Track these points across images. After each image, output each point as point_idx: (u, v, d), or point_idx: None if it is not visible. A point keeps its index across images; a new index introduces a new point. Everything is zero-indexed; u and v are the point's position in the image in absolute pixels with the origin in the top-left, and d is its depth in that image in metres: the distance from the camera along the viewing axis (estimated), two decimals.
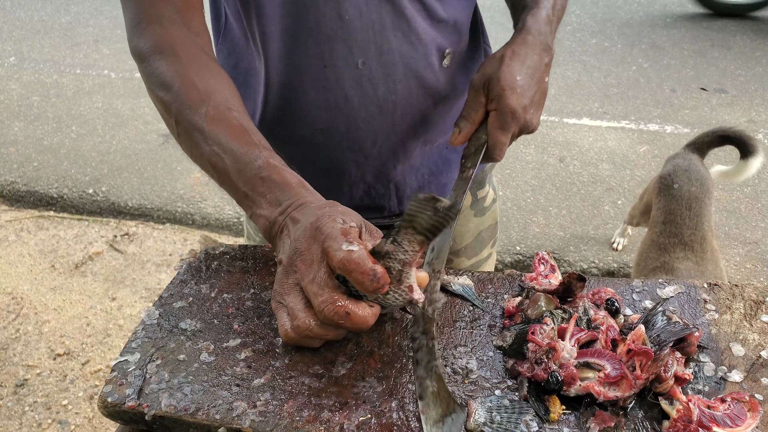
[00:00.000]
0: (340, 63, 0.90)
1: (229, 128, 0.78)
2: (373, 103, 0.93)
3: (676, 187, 2.07)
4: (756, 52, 4.65)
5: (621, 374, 0.64)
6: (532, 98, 0.86)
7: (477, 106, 0.86)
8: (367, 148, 0.97)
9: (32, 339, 2.48)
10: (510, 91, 0.83)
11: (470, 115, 0.87)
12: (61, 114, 4.16)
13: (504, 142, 0.86)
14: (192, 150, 0.81)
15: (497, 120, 0.85)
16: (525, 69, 0.85)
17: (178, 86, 0.80)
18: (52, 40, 5.33)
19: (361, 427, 0.64)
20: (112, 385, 0.70)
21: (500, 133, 0.85)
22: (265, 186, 0.75)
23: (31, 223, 3.18)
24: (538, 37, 0.88)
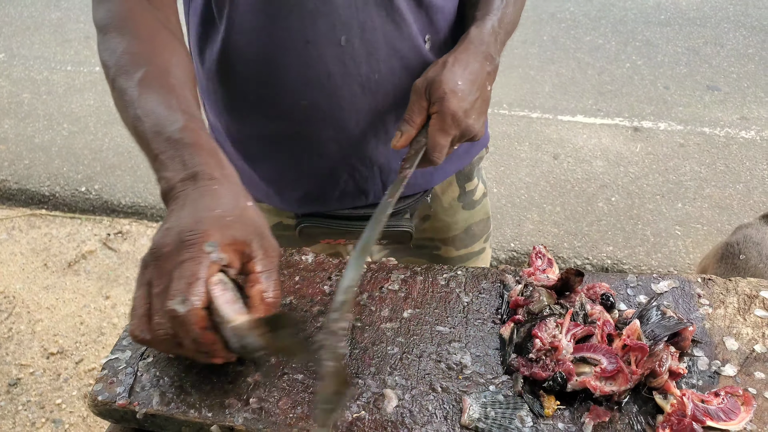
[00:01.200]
0: (323, 39, 0.89)
1: (158, 93, 0.74)
2: (355, 82, 0.93)
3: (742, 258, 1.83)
4: (749, 50, 4.66)
5: (617, 368, 0.64)
6: (473, 104, 0.86)
7: (419, 109, 0.87)
8: (349, 128, 0.97)
9: (25, 338, 2.47)
10: (451, 94, 0.84)
11: (412, 119, 0.87)
12: (52, 111, 4.13)
13: (443, 144, 0.86)
14: (122, 114, 0.77)
15: (437, 122, 0.85)
16: (467, 74, 0.86)
17: (120, 52, 0.79)
18: (42, 36, 5.29)
19: (354, 423, 0.64)
20: (102, 383, 0.69)
21: (440, 135, 0.86)
22: (174, 148, 0.69)
23: (23, 222, 3.15)
24: (480, 46, 0.89)
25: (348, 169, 1.02)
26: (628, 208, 3.06)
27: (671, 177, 3.27)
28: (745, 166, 3.33)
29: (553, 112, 3.96)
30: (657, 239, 2.84)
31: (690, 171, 3.32)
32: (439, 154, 0.87)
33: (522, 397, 0.66)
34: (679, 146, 3.54)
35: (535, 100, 4.11)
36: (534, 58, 4.67)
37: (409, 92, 0.97)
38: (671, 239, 2.84)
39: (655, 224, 2.94)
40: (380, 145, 1.01)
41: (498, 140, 3.67)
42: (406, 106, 0.98)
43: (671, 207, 3.04)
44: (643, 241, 2.84)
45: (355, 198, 1.05)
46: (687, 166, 3.36)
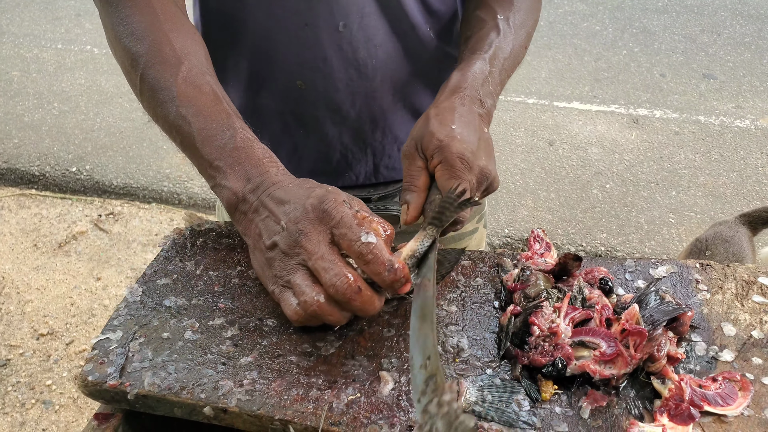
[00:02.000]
0: (321, 23, 0.89)
1: (201, 93, 0.74)
2: (351, 66, 0.92)
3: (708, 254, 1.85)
4: (745, 39, 4.66)
5: (617, 352, 0.63)
6: (476, 144, 0.76)
7: (417, 171, 0.76)
8: (345, 110, 0.96)
9: (15, 319, 2.45)
10: (449, 139, 0.74)
11: (412, 184, 0.76)
12: (42, 90, 4.08)
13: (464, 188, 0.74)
14: (156, 109, 0.76)
15: (446, 171, 0.74)
16: (458, 119, 0.77)
17: (151, 40, 0.76)
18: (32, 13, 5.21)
19: (350, 405, 0.63)
20: (92, 363, 0.68)
21: (454, 183, 0.73)
22: (233, 158, 0.71)
23: (12, 202, 3.12)
24: (462, 91, 0.80)
25: (341, 148, 1.02)
26: (623, 195, 3.06)
27: (666, 165, 3.28)
28: (739, 155, 3.33)
29: (549, 99, 3.95)
30: (651, 227, 2.85)
31: (684, 159, 3.32)
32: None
33: (519, 381, 0.66)
34: (674, 134, 3.54)
35: (531, 86, 4.10)
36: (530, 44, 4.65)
37: (407, 78, 0.97)
38: (665, 227, 2.85)
39: (649, 212, 2.94)
40: (377, 130, 1.01)
41: (493, 126, 3.65)
42: (404, 91, 0.98)
43: (665, 195, 3.05)
44: (636, 228, 2.85)
45: (342, 176, 1.05)
46: (682, 155, 3.36)
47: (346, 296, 0.63)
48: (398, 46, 0.94)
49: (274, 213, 0.67)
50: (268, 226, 0.68)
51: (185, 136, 0.74)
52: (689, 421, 0.60)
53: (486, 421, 0.61)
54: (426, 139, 0.76)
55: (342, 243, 0.64)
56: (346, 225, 0.64)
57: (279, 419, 0.62)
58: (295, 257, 0.65)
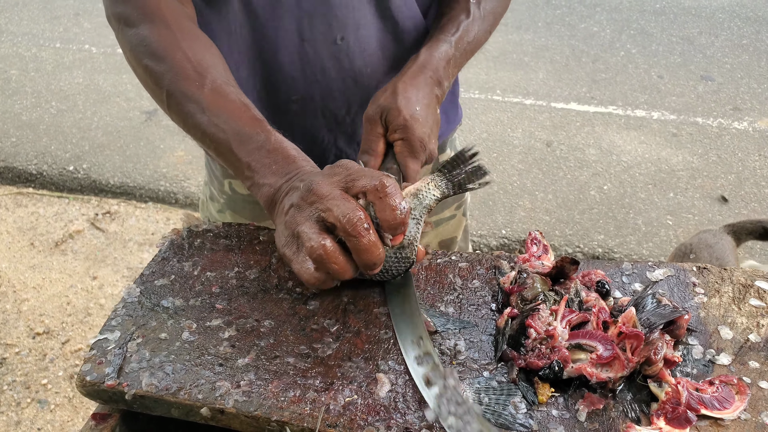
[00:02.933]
0: (319, 38, 0.91)
1: (229, 102, 0.78)
2: (349, 76, 0.95)
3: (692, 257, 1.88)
4: (743, 41, 4.67)
5: (613, 355, 0.63)
6: (431, 128, 0.87)
7: (376, 138, 0.86)
8: (340, 116, 1.00)
9: (11, 317, 2.44)
10: (413, 120, 0.84)
11: (371, 148, 0.86)
12: (40, 89, 4.07)
13: (417, 170, 0.86)
14: (186, 121, 0.80)
15: (407, 150, 0.85)
16: (421, 99, 0.86)
17: (172, 58, 0.79)
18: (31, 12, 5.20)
19: (347, 407, 0.63)
20: (90, 363, 0.68)
21: (413, 162, 0.85)
22: (270, 158, 0.75)
23: (10, 200, 3.11)
24: (428, 72, 0.89)
25: (335, 151, 1.05)
26: (620, 196, 3.06)
27: (663, 166, 3.28)
28: (737, 157, 3.34)
29: (547, 100, 3.95)
30: (648, 228, 2.85)
31: (682, 160, 3.32)
32: (414, 180, 0.85)
33: (516, 384, 0.66)
34: (672, 135, 3.55)
35: (529, 86, 4.10)
36: (528, 45, 4.64)
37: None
38: (662, 228, 2.85)
39: (647, 213, 2.95)
40: None
41: (491, 126, 3.66)
42: None
43: (663, 196, 3.05)
44: (634, 230, 2.85)
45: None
46: (679, 156, 3.37)
47: (356, 230, 0.64)
48: (386, 52, 0.97)
49: (296, 187, 0.71)
50: (290, 196, 0.71)
51: (220, 143, 0.77)
52: (686, 425, 0.60)
53: None
54: (393, 113, 0.84)
55: (357, 183, 0.67)
56: (357, 171, 0.68)
57: (276, 420, 0.62)
58: (307, 207, 0.67)
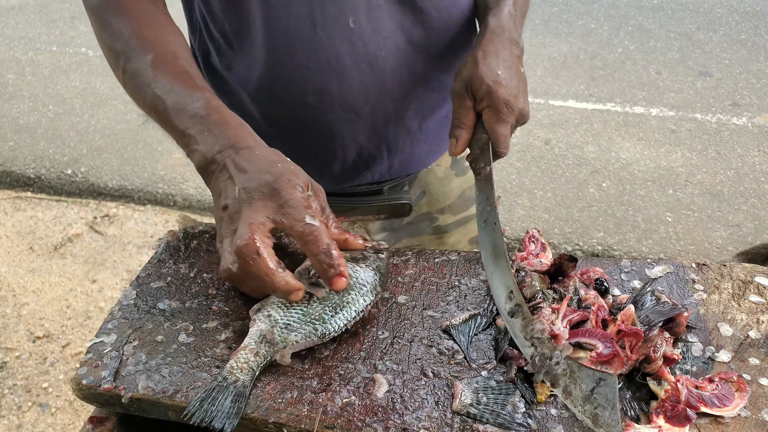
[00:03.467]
0: (331, 23, 0.89)
1: (173, 73, 0.80)
2: (364, 61, 0.92)
3: None
4: (741, 36, 4.66)
5: (613, 352, 0.63)
6: (517, 88, 0.87)
7: (465, 111, 0.87)
8: (359, 107, 0.97)
9: (11, 321, 2.44)
10: (496, 85, 0.84)
11: (462, 122, 0.87)
12: (37, 92, 4.07)
13: (506, 134, 0.85)
14: (136, 95, 0.83)
15: (494, 115, 0.85)
16: (501, 63, 0.86)
17: (127, 36, 0.83)
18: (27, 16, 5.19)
19: (344, 408, 0.63)
20: (87, 366, 0.68)
21: (500, 126, 0.85)
22: (203, 124, 0.76)
23: (8, 204, 3.11)
24: (502, 34, 0.89)
25: (356, 147, 1.02)
26: (619, 194, 3.06)
27: (662, 163, 3.27)
28: (736, 153, 3.34)
29: (545, 97, 3.95)
30: (648, 225, 2.85)
31: (681, 157, 3.32)
32: (505, 144, 0.86)
33: (514, 384, 0.65)
34: (671, 132, 3.54)
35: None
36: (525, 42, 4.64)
37: (415, 68, 0.98)
38: (662, 225, 2.85)
39: (646, 210, 2.94)
40: (389, 123, 1.01)
41: None
42: (413, 81, 0.99)
43: (662, 193, 3.05)
44: (633, 227, 2.85)
45: (360, 175, 1.06)
46: (678, 152, 3.36)
47: (243, 257, 0.66)
48: (404, 35, 0.94)
49: (233, 177, 0.71)
50: (227, 188, 0.72)
51: (161, 113, 0.79)
52: (686, 423, 0.60)
53: (481, 424, 0.61)
54: (476, 82, 0.85)
55: (285, 222, 0.68)
56: (292, 205, 0.68)
57: (273, 422, 0.62)
58: (234, 223, 0.69)
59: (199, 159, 0.75)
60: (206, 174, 0.75)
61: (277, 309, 0.69)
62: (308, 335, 0.68)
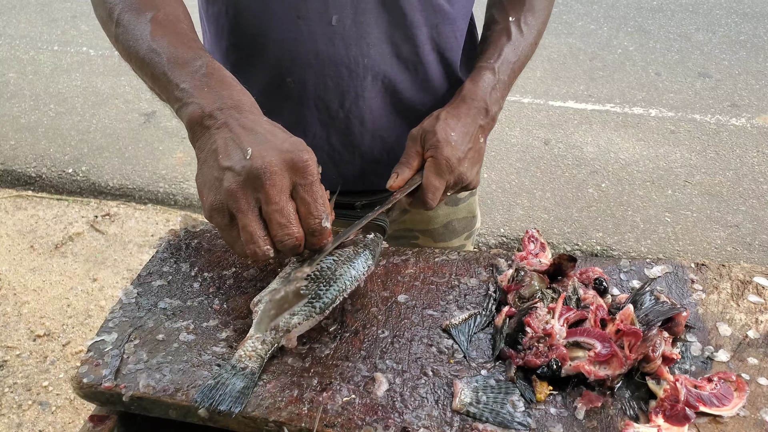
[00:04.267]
0: (314, 16, 0.89)
1: (174, 33, 0.78)
2: (342, 64, 0.92)
3: None
4: (740, 37, 4.66)
5: (611, 352, 0.63)
6: (465, 153, 0.90)
7: (414, 154, 0.90)
8: (334, 109, 0.96)
9: (11, 320, 2.44)
10: (444, 143, 0.88)
11: (408, 162, 0.91)
12: (38, 92, 4.07)
13: (437, 186, 0.88)
14: (129, 49, 0.79)
15: (432, 166, 0.89)
16: (459, 127, 0.90)
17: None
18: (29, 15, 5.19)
19: (345, 407, 0.63)
20: (87, 365, 0.68)
21: (434, 178, 0.88)
22: (203, 81, 0.72)
23: (9, 203, 3.11)
24: (473, 102, 0.93)
25: (328, 149, 1.01)
26: (618, 194, 3.06)
27: (661, 163, 3.28)
28: (735, 154, 3.34)
29: (544, 98, 3.95)
30: (646, 225, 2.85)
31: (680, 158, 3.32)
32: (433, 196, 0.88)
33: (514, 383, 0.66)
34: (670, 133, 3.55)
35: (527, 85, 4.10)
36: None
37: (398, 82, 0.96)
38: (661, 226, 2.85)
39: (645, 211, 2.95)
40: (365, 133, 0.99)
41: None
42: (395, 95, 0.98)
43: (661, 193, 3.05)
44: (632, 227, 2.85)
45: (331, 182, 1.03)
46: (677, 153, 3.36)
47: (288, 253, 0.67)
48: (391, 47, 0.93)
49: (239, 137, 0.67)
50: (229, 147, 0.67)
51: (155, 66, 0.75)
52: (685, 422, 0.60)
53: (481, 422, 0.61)
54: (429, 134, 0.89)
55: (301, 208, 0.67)
56: (315, 194, 0.67)
57: (273, 421, 0.62)
58: (251, 194, 0.65)
59: (194, 112, 0.70)
60: (197, 127, 0.71)
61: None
62: (309, 314, 0.69)
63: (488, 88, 0.94)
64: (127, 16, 0.79)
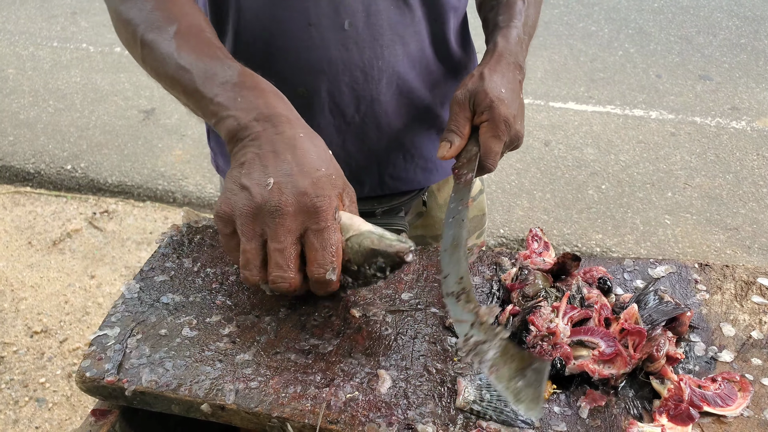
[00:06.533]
0: (326, 22, 0.87)
1: (198, 44, 0.76)
2: (357, 68, 0.91)
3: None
4: (741, 40, 4.67)
5: (615, 351, 0.63)
6: (517, 110, 0.88)
7: (464, 120, 0.87)
8: (349, 115, 0.95)
9: (8, 316, 2.43)
10: (499, 102, 0.84)
11: (459, 129, 0.87)
12: (37, 88, 4.06)
13: (497, 151, 0.85)
14: (157, 69, 0.77)
15: (490, 129, 0.85)
16: (506, 83, 0.87)
17: (149, 8, 0.78)
18: (28, 11, 5.18)
19: (348, 403, 0.63)
20: (90, 359, 0.68)
21: (494, 142, 0.85)
22: (235, 91, 0.71)
23: (7, 199, 3.10)
24: (510, 57, 0.90)
25: (345, 156, 0.99)
26: (618, 196, 3.06)
27: (662, 166, 3.28)
28: (735, 157, 3.34)
29: (545, 99, 3.95)
30: (646, 228, 2.85)
31: (680, 160, 3.33)
32: (494, 161, 0.85)
33: None
34: (670, 135, 3.55)
35: (527, 85, 4.09)
36: None
37: (412, 82, 0.95)
38: (660, 228, 2.85)
39: (645, 213, 2.95)
40: (381, 136, 0.99)
41: None
42: (409, 95, 0.97)
43: (661, 196, 3.05)
44: (632, 229, 2.85)
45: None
46: (677, 155, 3.37)
47: (279, 292, 0.68)
48: (403, 47, 0.92)
49: (266, 159, 0.67)
50: (253, 166, 0.67)
51: (186, 84, 0.73)
52: (688, 422, 0.60)
53: (484, 420, 0.61)
54: (480, 95, 0.85)
55: (309, 253, 0.66)
56: (325, 241, 0.66)
57: (277, 417, 0.62)
58: (259, 224, 0.65)
59: (231, 126, 0.70)
60: (235, 142, 0.70)
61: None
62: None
63: (518, 46, 0.92)
64: (151, 36, 0.77)
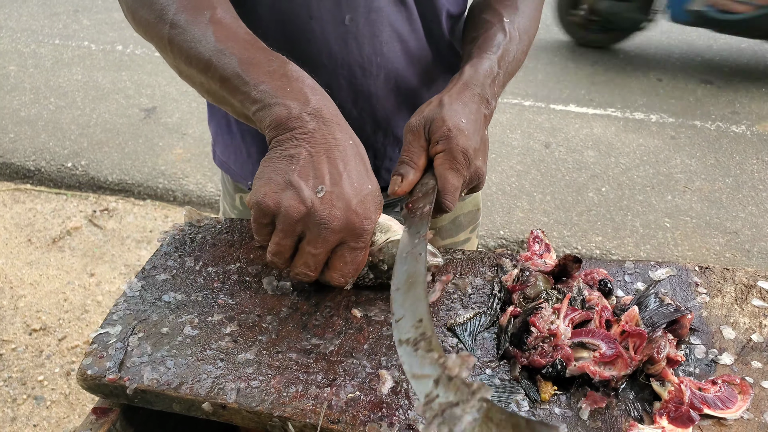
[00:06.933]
0: (327, 16, 0.87)
1: (238, 31, 0.74)
2: (356, 63, 0.91)
3: None
4: (741, 44, 4.68)
5: (616, 353, 0.63)
6: (478, 144, 0.80)
7: (418, 150, 0.79)
8: (347, 109, 0.95)
9: (7, 314, 2.43)
10: (458, 131, 0.77)
11: (412, 160, 0.79)
12: (39, 85, 4.06)
13: (456, 185, 0.77)
14: (188, 51, 0.73)
15: (447, 161, 0.77)
16: (467, 114, 0.79)
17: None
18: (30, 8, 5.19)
19: (349, 403, 0.63)
20: (91, 357, 0.68)
21: (452, 175, 0.77)
22: (283, 81, 0.69)
23: (7, 196, 3.10)
24: (475, 88, 0.83)
25: None
26: (618, 198, 3.07)
27: (662, 169, 3.29)
28: (735, 160, 3.35)
29: (546, 101, 3.96)
30: (646, 230, 2.86)
31: (680, 163, 3.33)
32: (453, 197, 0.77)
33: (518, 382, 0.66)
34: (671, 138, 3.56)
35: (528, 88, 4.11)
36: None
37: (409, 79, 0.96)
38: (660, 231, 2.85)
39: (645, 216, 2.95)
40: (378, 132, 0.99)
41: (490, 127, 3.66)
42: (407, 93, 0.97)
43: (661, 199, 3.06)
44: (632, 232, 2.85)
45: None
46: (677, 159, 3.37)
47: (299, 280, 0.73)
48: (401, 44, 0.93)
49: (320, 162, 0.67)
50: (307, 166, 0.67)
51: (224, 67, 0.71)
52: (689, 424, 0.60)
53: None
54: (436, 123, 0.78)
55: (337, 262, 0.70)
56: (356, 259, 0.70)
57: (278, 416, 0.62)
58: (301, 226, 0.67)
59: (280, 113, 0.67)
60: (282, 130, 0.68)
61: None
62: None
63: (489, 78, 0.85)
64: (184, 17, 0.74)
